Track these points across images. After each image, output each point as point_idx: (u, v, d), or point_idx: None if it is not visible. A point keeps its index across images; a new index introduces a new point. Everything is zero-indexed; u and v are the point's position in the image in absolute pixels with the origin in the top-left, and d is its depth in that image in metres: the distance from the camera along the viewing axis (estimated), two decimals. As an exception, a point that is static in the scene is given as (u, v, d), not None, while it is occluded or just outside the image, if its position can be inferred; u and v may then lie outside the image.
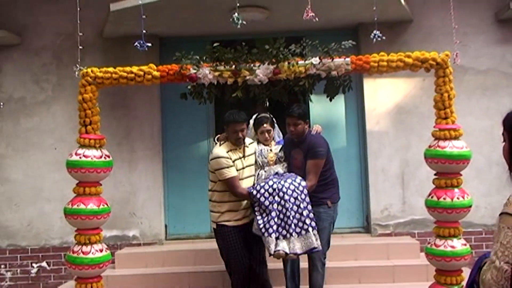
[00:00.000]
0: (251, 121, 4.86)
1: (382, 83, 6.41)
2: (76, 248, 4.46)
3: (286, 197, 4.28)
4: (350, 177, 6.49)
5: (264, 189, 4.36)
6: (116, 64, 4.76)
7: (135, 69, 4.58)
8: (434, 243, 4.41)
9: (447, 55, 4.46)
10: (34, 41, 6.66)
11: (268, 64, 4.47)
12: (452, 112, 4.44)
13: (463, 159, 4.33)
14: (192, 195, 6.41)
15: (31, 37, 6.66)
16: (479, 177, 6.22)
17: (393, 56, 4.52)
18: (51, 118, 6.62)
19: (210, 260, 5.57)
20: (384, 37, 4.70)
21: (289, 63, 4.46)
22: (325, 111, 6.54)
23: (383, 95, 6.46)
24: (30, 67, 6.66)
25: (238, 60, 4.47)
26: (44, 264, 6.52)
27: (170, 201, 6.68)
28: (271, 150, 4.75)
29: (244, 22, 4.28)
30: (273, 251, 4.22)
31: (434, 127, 4.48)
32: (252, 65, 4.48)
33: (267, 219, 4.28)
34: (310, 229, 4.26)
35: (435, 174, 4.49)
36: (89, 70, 4.55)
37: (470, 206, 4.38)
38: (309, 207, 4.33)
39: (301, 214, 4.28)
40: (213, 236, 4.75)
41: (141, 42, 4.34)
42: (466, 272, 3.91)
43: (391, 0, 5.63)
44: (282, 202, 4.28)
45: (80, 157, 4.43)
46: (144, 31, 4.35)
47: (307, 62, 4.47)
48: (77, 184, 4.53)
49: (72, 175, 4.52)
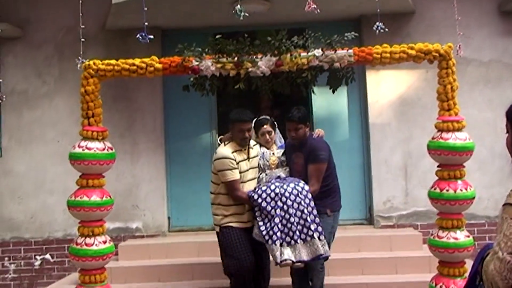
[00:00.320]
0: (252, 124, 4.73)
1: (385, 75, 6.39)
2: (80, 240, 4.47)
3: (289, 202, 4.13)
4: (353, 169, 6.50)
5: (266, 194, 4.22)
6: (118, 57, 4.74)
7: (137, 61, 4.57)
8: (437, 235, 4.41)
9: (450, 47, 4.44)
10: (36, 34, 6.66)
11: (271, 56, 4.44)
12: (455, 104, 4.42)
13: (466, 151, 4.32)
14: (195, 187, 6.40)
15: (33, 30, 6.66)
16: (482, 169, 6.21)
17: (396, 48, 4.49)
18: (54, 111, 6.63)
19: (213, 252, 5.54)
20: (387, 29, 4.69)
21: (292, 55, 4.42)
22: (328, 103, 6.53)
23: (386, 87, 6.45)
24: (32, 60, 6.66)
25: (240, 52, 4.44)
26: (48, 256, 6.55)
27: (173, 193, 6.68)
28: (274, 154, 4.61)
29: (247, 14, 4.26)
30: (280, 261, 4.07)
31: (437, 119, 4.46)
32: (255, 57, 4.45)
33: (270, 225, 4.13)
34: (316, 235, 4.10)
35: (438, 166, 4.48)
36: (91, 63, 4.54)
37: (473, 198, 4.37)
38: (314, 212, 4.19)
39: (305, 220, 4.12)
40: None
41: (143, 34, 4.31)
42: (469, 264, 3.93)
43: (394, -8, 5.62)
44: (285, 207, 4.13)
45: (83, 149, 4.43)
46: (146, 24, 4.33)
47: (310, 54, 4.43)
48: (80, 176, 4.54)
49: (75, 167, 4.54)
